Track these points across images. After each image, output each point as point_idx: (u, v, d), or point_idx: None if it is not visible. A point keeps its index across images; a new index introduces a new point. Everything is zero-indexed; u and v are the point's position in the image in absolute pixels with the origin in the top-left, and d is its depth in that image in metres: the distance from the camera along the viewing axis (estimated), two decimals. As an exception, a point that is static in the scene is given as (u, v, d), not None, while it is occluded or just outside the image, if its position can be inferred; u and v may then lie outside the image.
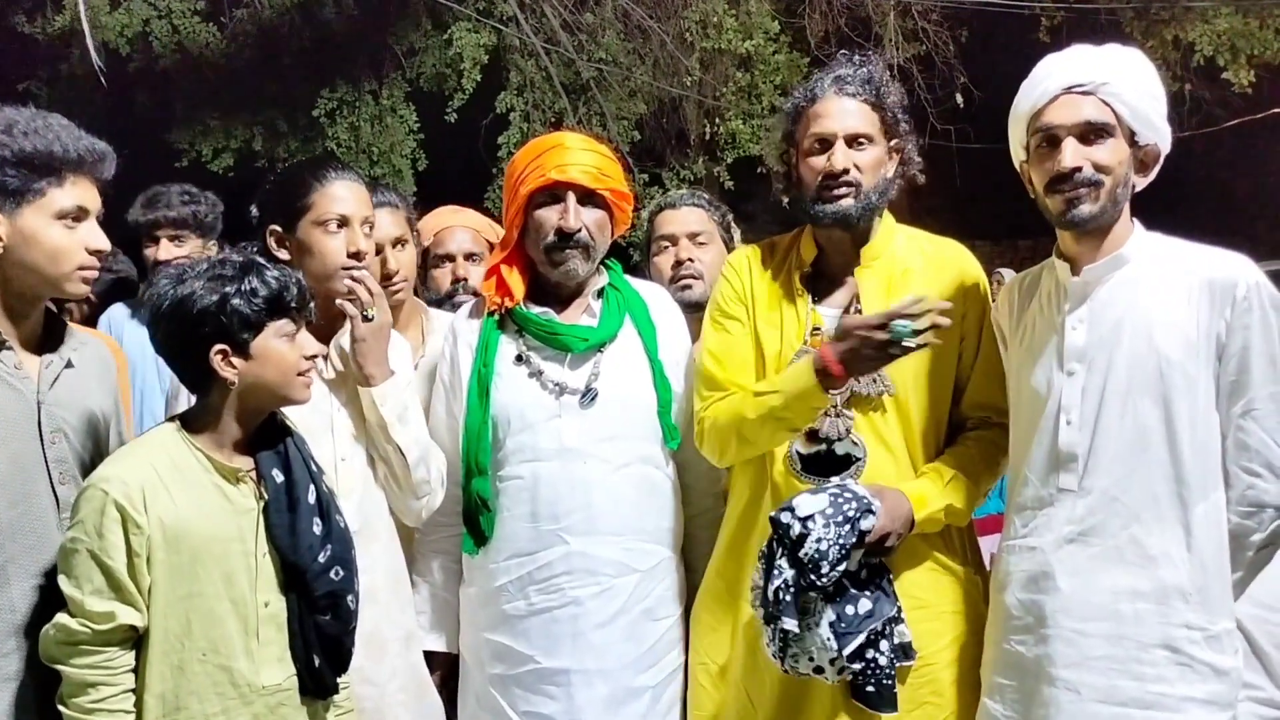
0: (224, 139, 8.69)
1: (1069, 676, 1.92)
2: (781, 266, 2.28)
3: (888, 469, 2.13)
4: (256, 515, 1.88)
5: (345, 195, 2.21)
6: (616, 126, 8.26)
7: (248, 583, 1.85)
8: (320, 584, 1.87)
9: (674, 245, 2.76)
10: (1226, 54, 8.13)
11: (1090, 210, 1.94)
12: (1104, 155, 1.94)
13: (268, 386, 1.87)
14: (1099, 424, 1.94)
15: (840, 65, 2.22)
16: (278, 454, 1.90)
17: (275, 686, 1.86)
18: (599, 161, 2.27)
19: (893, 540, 2.03)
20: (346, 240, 2.19)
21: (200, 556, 1.82)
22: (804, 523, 1.94)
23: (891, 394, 2.13)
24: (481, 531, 2.26)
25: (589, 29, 8.38)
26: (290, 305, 1.88)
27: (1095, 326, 1.97)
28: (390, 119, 8.65)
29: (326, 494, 1.94)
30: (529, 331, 2.29)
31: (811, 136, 2.18)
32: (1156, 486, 1.90)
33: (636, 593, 2.24)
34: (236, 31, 8.63)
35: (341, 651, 1.95)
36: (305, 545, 1.87)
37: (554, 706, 2.22)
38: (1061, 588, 1.94)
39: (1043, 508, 1.99)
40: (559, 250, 2.25)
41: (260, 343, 1.85)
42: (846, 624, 1.97)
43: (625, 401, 2.27)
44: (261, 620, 1.86)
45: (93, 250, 1.88)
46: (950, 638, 2.14)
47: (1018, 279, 2.20)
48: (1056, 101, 1.96)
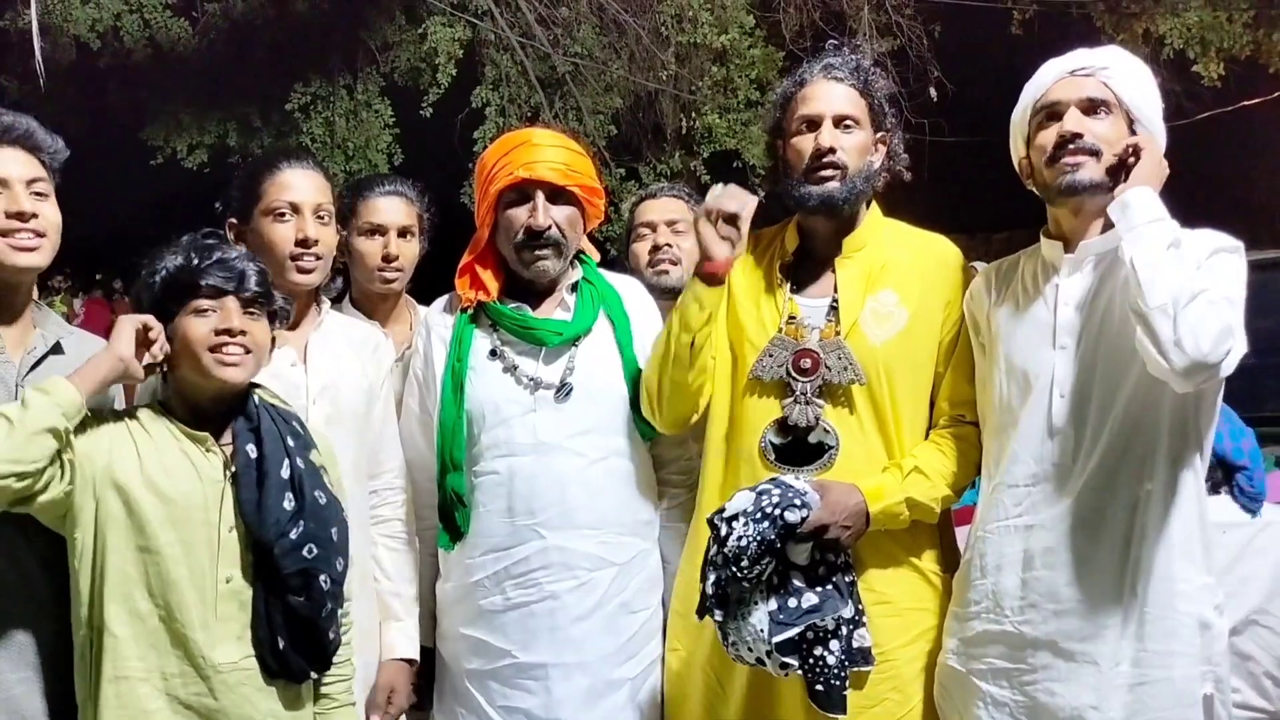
0: (197, 135, 8.61)
1: (1087, 649, 1.93)
2: (764, 255, 2.29)
3: (859, 459, 2.15)
4: (223, 487, 1.86)
5: (295, 183, 2.21)
6: (592, 121, 8.25)
7: (208, 555, 1.83)
8: (289, 561, 1.83)
9: (653, 232, 2.78)
10: (1196, 47, 8.20)
11: (1090, 176, 1.96)
12: (1104, 128, 1.98)
13: (185, 363, 1.87)
14: (1092, 397, 1.96)
15: (829, 54, 2.24)
16: (251, 429, 1.88)
17: (230, 665, 1.83)
18: (567, 157, 2.26)
19: (835, 532, 2.03)
20: (295, 228, 2.19)
21: (157, 514, 1.80)
22: (729, 522, 2.00)
23: (862, 383, 2.14)
24: (457, 527, 2.26)
25: (564, 23, 8.36)
26: (199, 284, 1.85)
27: (1089, 301, 1.99)
28: (365, 114, 8.59)
29: (303, 470, 1.89)
30: (503, 326, 2.29)
31: (799, 119, 2.19)
32: (1147, 454, 1.93)
33: (614, 586, 2.25)
34: (208, 25, 8.55)
35: (317, 635, 1.89)
36: (271, 520, 1.83)
37: (532, 701, 2.23)
38: (1068, 561, 1.95)
39: (1038, 484, 2.00)
40: (529, 249, 2.25)
41: (176, 322, 1.86)
42: (785, 615, 1.99)
43: (600, 395, 2.27)
44: (221, 595, 1.83)
45: (11, 213, 1.87)
46: (913, 634, 2.15)
47: (992, 267, 2.21)
48: (1059, 83, 2.02)
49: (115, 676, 1.79)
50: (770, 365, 2.17)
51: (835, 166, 2.15)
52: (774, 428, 2.17)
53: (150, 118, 8.63)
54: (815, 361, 2.15)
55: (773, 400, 2.18)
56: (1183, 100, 8.26)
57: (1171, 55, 8.26)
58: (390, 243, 2.58)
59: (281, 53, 8.57)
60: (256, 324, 1.89)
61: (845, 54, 2.23)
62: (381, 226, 2.59)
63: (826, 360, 2.14)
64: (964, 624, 2.08)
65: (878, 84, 2.23)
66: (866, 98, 2.20)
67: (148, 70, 8.55)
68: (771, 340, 2.19)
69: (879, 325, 2.17)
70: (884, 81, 2.26)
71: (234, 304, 1.87)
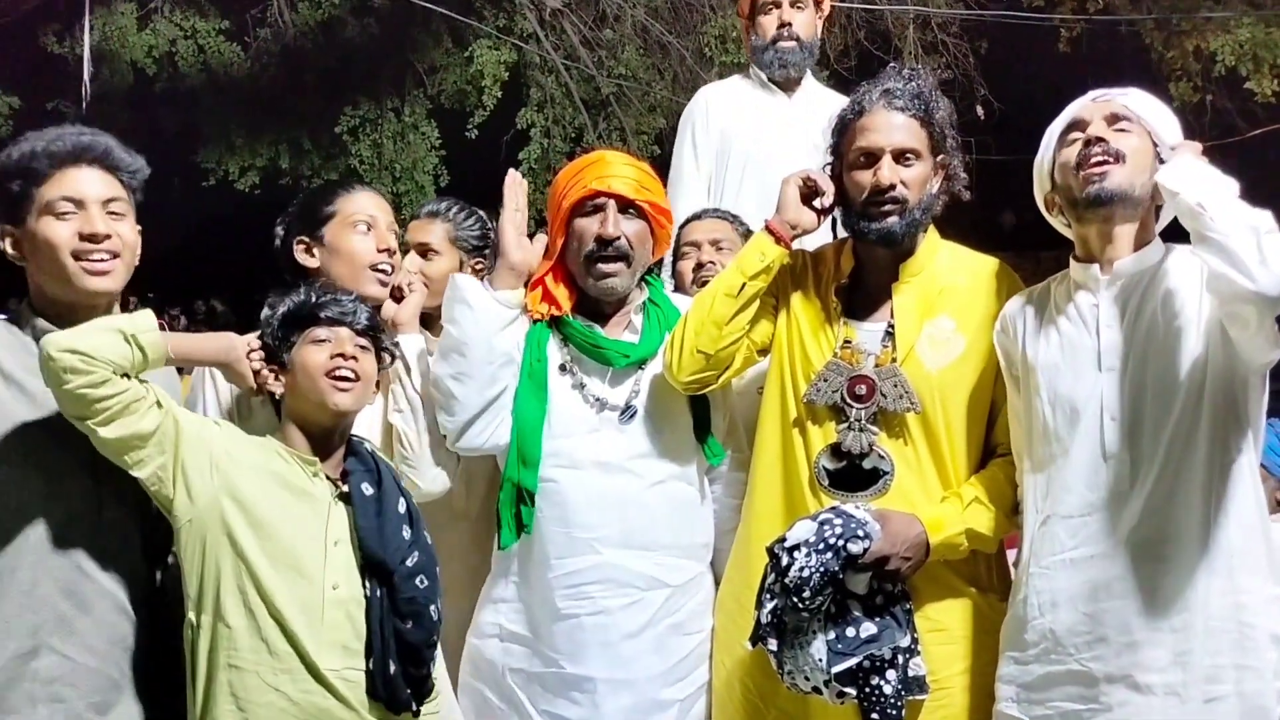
0: (249, 157, 8.78)
1: (1169, 680, 1.86)
2: (820, 278, 2.28)
3: (913, 487, 2.13)
4: (329, 503, 1.95)
5: (370, 201, 2.34)
6: (636, 141, 8.30)
7: (313, 562, 1.91)
8: (407, 587, 1.93)
9: (697, 250, 2.80)
10: (1249, 64, 8.08)
11: (1118, 183, 1.93)
12: (1128, 141, 1.96)
13: (300, 390, 1.98)
14: (1145, 418, 1.92)
15: (889, 78, 2.19)
16: (368, 470, 2.00)
17: (334, 672, 1.89)
18: (639, 175, 2.31)
19: (895, 564, 2.01)
20: (375, 239, 2.28)
21: (271, 514, 1.90)
22: (790, 553, 1.98)
23: (918, 412, 2.12)
24: (523, 524, 2.24)
25: (608, 45, 8.43)
26: (317, 315, 1.99)
27: (1131, 320, 1.96)
28: (412, 136, 8.72)
29: (416, 510, 2.03)
30: (573, 342, 2.30)
31: (858, 150, 2.16)
32: (1202, 470, 1.89)
33: (666, 606, 2.25)
34: (260, 51, 8.74)
35: (420, 665, 1.96)
36: (393, 546, 1.94)
37: (577, 712, 2.23)
38: (1135, 589, 1.89)
39: (1094, 513, 1.94)
40: (599, 260, 2.27)
41: (294, 353, 1.99)
42: (844, 645, 1.98)
43: (662, 420, 2.28)
44: (329, 602, 1.90)
45: (85, 235, 1.88)
46: (968, 662, 2.12)
47: (1020, 296, 2.16)
48: (1082, 108, 2.03)
49: (230, 664, 1.86)
50: (825, 390, 2.16)
51: (895, 201, 2.12)
52: (828, 453, 2.16)
53: (204, 141, 8.81)
54: (870, 388, 2.13)
55: (827, 426, 2.17)
56: (1236, 118, 8.14)
57: (1223, 72, 8.15)
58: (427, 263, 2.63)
59: (331, 77, 8.72)
60: (366, 356, 2.02)
61: (906, 79, 2.18)
62: (422, 247, 2.66)
63: (882, 387, 2.13)
64: (1023, 668, 2.01)
65: (939, 110, 2.17)
66: (927, 127, 2.15)
67: (201, 94, 8.74)
68: (826, 365, 2.17)
69: (935, 352, 2.15)
70: (945, 105, 2.21)
71: (347, 333, 2.00)
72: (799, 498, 2.17)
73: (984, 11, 8.04)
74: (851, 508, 2.05)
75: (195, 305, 10.43)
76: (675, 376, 2.22)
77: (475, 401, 2.22)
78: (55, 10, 8.19)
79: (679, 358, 2.19)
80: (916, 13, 8.09)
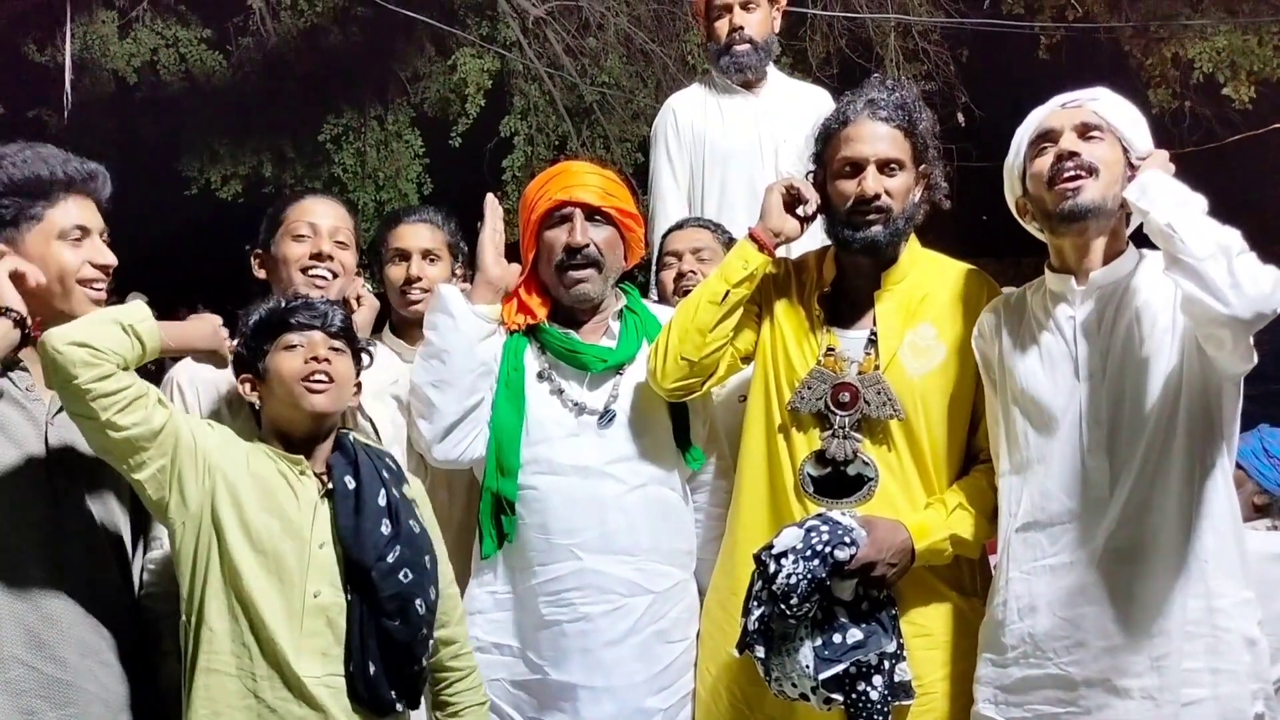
0: (232, 166, 8.73)
1: (1145, 684, 1.89)
2: (803, 285, 2.30)
3: (896, 493, 2.15)
4: (316, 504, 1.95)
5: (314, 208, 2.37)
6: (620, 149, 8.30)
7: (297, 568, 1.90)
8: (387, 584, 1.92)
9: (679, 260, 2.80)
10: (1226, 71, 8.15)
11: (1091, 198, 1.95)
12: (1100, 151, 1.98)
13: (277, 396, 1.98)
14: (1122, 426, 1.94)
15: (873, 89, 2.21)
16: (348, 462, 1.99)
17: (314, 679, 1.88)
18: (604, 182, 2.32)
19: (881, 570, 2.02)
20: (311, 244, 2.32)
21: (256, 520, 1.89)
22: (777, 560, 1.99)
23: (901, 419, 2.14)
24: (504, 533, 2.26)
25: (591, 53, 8.43)
26: (289, 321, 1.99)
27: (1108, 330, 1.98)
28: (395, 144, 8.69)
29: (398, 499, 2.00)
30: (550, 349, 2.31)
31: (842, 160, 2.18)
32: (1178, 477, 1.91)
33: (649, 613, 2.26)
34: (243, 59, 8.70)
35: (411, 662, 1.96)
36: (370, 543, 1.92)
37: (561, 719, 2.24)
38: (1113, 595, 1.92)
39: (1073, 519, 1.97)
40: (570, 268, 2.28)
41: (268, 360, 1.99)
42: (831, 651, 1.99)
43: (642, 424, 2.29)
44: (308, 609, 1.90)
45: (98, 265, 1.93)
46: (951, 668, 2.14)
47: (998, 302, 2.18)
48: (1051, 114, 2.03)
49: (208, 668, 1.86)
50: (809, 398, 2.18)
51: (880, 210, 2.15)
52: (812, 460, 2.17)
53: (185, 149, 8.77)
54: (854, 395, 2.15)
55: (811, 433, 2.18)
56: (1214, 124, 8.20)
57: (1201, 79, 8.22)
58: (413, 265, 2.64)
59: (314, 85, 8.69)
60: (340, 358, 2.02)
61: (889, 89, 2.20)
62: (405, 251, 2.67)
63: (865, 394, 2.14)
64: (1001, 670, 2.03)
65: (922, 120, 2.20)
66: (910, 137, 2.18)
67: (183, 103, 8.70)
68: (810, 372, 2.19)
69: (917, 359, 2.17)
70: (927, 116, 2.24)
71: (320, 336, 2.01)
72: (784, 504, 2.19)
73: (964, 19, 8.08)
74: (837, 514, 2.06)
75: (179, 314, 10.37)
76: (660, 383, 2.23)
77: (453, 410, 2.23)
78: (36, 19, 8.14)
79: (663, 364, 2.20)
80: (897, 20, 8.13)
